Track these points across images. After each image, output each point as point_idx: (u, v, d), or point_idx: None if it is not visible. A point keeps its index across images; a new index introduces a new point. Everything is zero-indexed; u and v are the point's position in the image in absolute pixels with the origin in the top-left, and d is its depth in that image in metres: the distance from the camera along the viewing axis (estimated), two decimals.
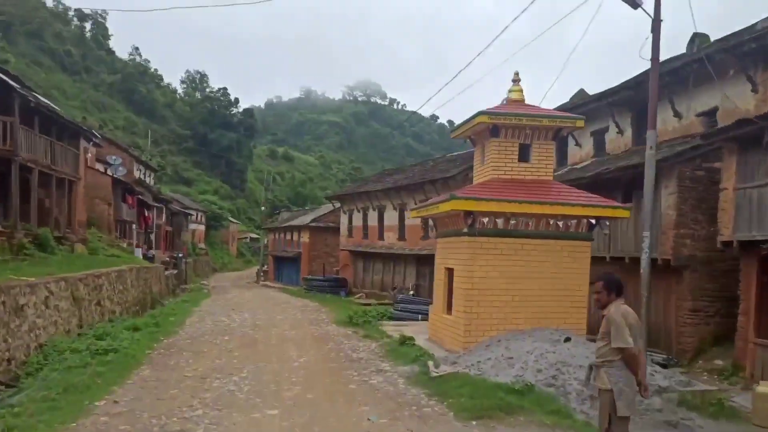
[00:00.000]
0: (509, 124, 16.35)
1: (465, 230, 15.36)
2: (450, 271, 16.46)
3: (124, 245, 36.95)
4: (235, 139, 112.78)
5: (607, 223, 16.59)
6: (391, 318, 22.92)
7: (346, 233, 40.94)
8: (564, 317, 15.41)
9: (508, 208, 15.19)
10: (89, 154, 43.07)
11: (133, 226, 42.75)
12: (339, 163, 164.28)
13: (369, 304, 31.47)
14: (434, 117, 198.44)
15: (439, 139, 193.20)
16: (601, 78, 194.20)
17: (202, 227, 75.54)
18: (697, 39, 20.99)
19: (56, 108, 29.57)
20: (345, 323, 22.10)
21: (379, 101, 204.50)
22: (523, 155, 16.76)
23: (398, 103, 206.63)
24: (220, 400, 10.82)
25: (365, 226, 38.41)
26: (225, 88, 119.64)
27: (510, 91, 17.66)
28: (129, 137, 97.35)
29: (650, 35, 15.40)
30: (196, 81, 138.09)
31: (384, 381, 12.37)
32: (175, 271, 44.45)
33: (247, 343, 17.68)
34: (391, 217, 35.45)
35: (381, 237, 36.38)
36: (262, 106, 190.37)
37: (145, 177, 53.37)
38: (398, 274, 34.60)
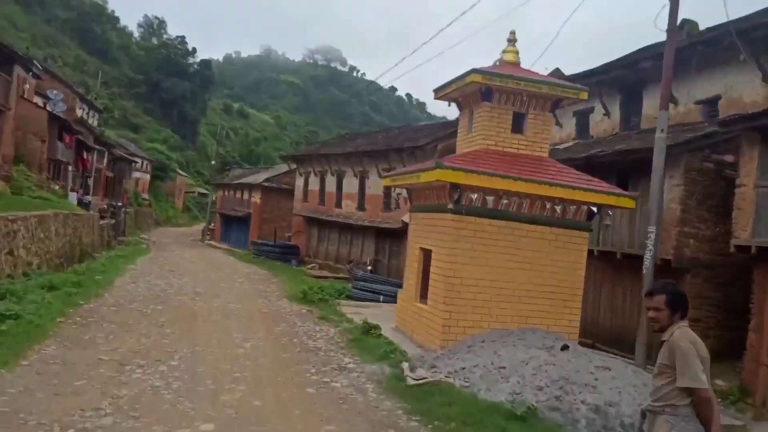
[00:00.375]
0: (504, 88, 13.83)
1: (450, 206, 12.86)
2: (426, 253, 14.00)
3: (56, 188, 33.24)
4: (190, 89, 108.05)
5: (610, 213, 14.41)
6: (349, 297, 20.41)
7: (300, 197, 38.02)
8: (555, 318, 13.17)
9: (502, 185, 12.74)
10: (27, 86, 38.86)
11: (69, 168, 38.89)
12: (295, 125, 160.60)
13: (323, 277, 28.93)
14: (393, 89, 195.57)
15: (397, 111, 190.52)
16: (574, 62, 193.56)
17: (147, 177, 71.16)
18: (686, 25, 18.87)
19: None
20: (298, 299, 19.45)
21: (339, 67, 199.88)
22: (517, 125, 14.32)
23: (358, 71, 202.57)
24: (138, 402, 8.14)
25: (322, 192, 35.61)
26: (183, 37, 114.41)
27: (504, 51, 15.11)
28: (78, 76, 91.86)
29: (667, 4, 13.33)
30: (153, 27, 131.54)
31: (349, 385, 9.84)
32: (113, 221, 40.87)
33: (184, 317, 14.93)
34: (350, 185, 32.78)
35: (339, 205, 33.70)
36: (221, 59, 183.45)
37: (88, 117, 49.15)
38: (355, 246, 32.05)
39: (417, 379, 9.94)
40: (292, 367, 10.80)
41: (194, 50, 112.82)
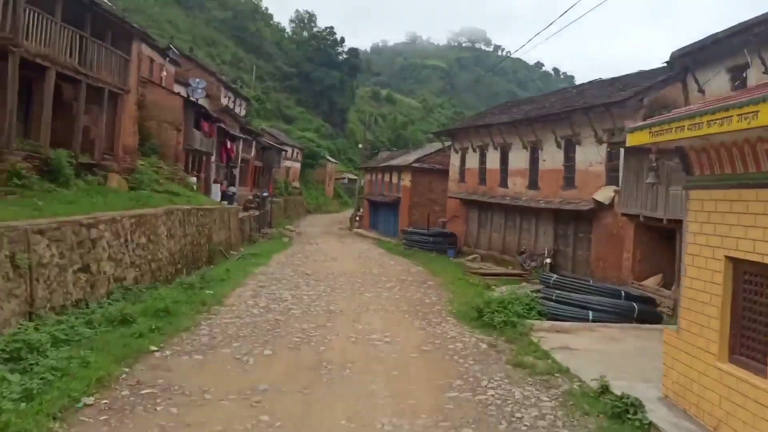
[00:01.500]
0: None
1: None
2: (741, 267, 6.91)
3: (192, 179, 29.21)
4: (339, 78, 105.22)
5: None
6: (540, 313, 13.58)
7: (456, 177, 31.46)
8: None
9: None
10: (164, 73, 35.56)
11: (211, 158, 35.12)
12: (441, 107, 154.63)
13: (492, 275, 22.21)
14: (539, 64, 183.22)
15: (543, 86, 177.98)
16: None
17: (298, 165, 67.92)
18: None
19: None
20: (471, 320, 12.91)
21: (484, 47, 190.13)
22: None
23: (503, 49, 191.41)
24: None
25: (482, 169, 28.81)
26: (331, 27, 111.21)
27: None
28: (235, 72, 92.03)
29: None
30: (304, 21, 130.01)
31: None
32: (257, 213, 36.79)
33: (299, 373, 8.90)
34: (518, 159, 25.69)
35: (504, 184, 26.77)
36: (368, 49, 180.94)
37: (234, 106, 45.72)
38: (527, 232, 24.98)
39: None
40: None
41: (342, 40, 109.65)
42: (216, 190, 36.13)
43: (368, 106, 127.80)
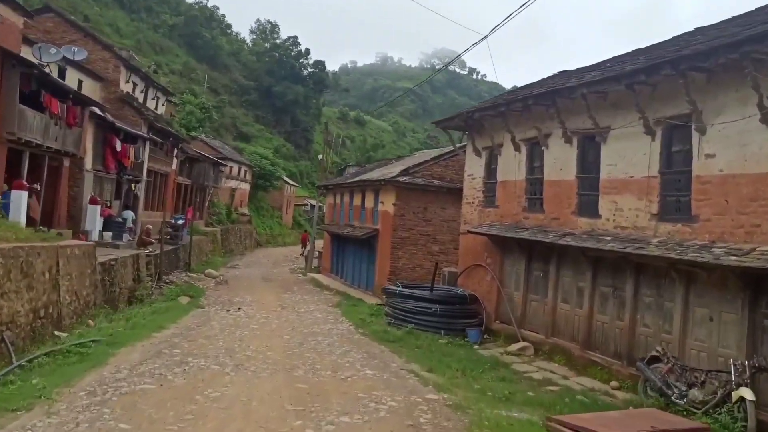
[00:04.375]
0: None
1: None
2: None
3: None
4: (303, 93, 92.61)
5: None
6: None
7: (477, 198, 18.08)
8: None
9: None
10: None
11: (85, 163, 21.41)
12: (413, 132, 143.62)
13: None
14: (514, 86, 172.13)
15: None
16: None
17: (246, 186, 53.95)
18: None
19: None
20: None
21: (458, 70, 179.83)
22: None
23: (478, 72, 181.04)
24: None
25: (535, 182, 15.53)
26: (295, 37, 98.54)
27: None
28: (185, 83, 78.87)
29: None
30: (266, 32, 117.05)
31: None
32: (155, 252, 22.92)
33: None
34: (630, 156, 12.44)
35: (589, 209, 13.46)
36: (337, 70, 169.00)
37: (145, 99, 31.94)
38: (657, 311, 11.57)
39: None
40: None
41: (308, 51, 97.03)
42: (94, 213, 22.60)
43: (335, 126, 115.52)
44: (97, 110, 23.25)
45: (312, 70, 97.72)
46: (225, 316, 16.65)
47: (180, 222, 27.76)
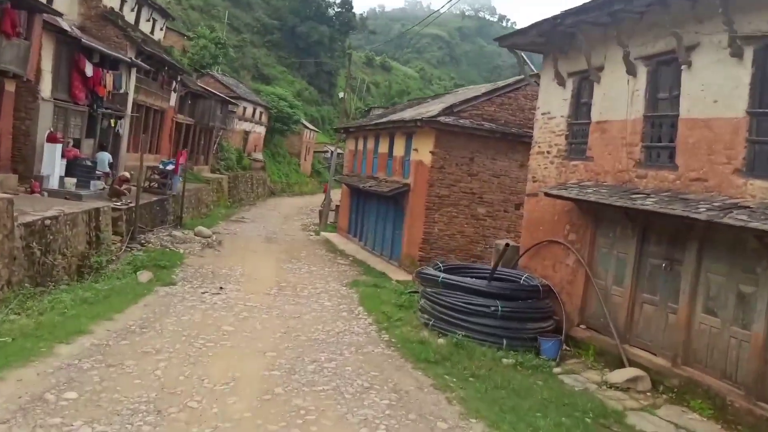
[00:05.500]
0: None
1: None
2: None
3: None
4: (328, 34, 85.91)
5: None
6: None
7: (558, 146, 12.35)
8: None
9: None
10: None
11: (40, 89, 16.08)
12: (439, 79, 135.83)
13: None
14: None
15: None
16: None
17: (262, 130, 48.31)
18: None
19: None
20: None
21: (488, 17, 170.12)
22: None
23: (508, 20, 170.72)
24: None
25: (656, 120, 9.93)
26: None
27: None
28: (205, 20, 72.66)
29: None
30: None
31: None
32: (129, 204, 17.74)
33: None
34: None
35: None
36: (365, 13, 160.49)
37: (137, 19, 26.28)
38: None
39: None
40: None
41: None
42: (53, 153, 17.55)
43: (360, 72, 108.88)
44: (59, 22, 17.77)
45: (339, 10, 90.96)
46: (193, 305, 11.42)
47: (169, 167, 22.46)
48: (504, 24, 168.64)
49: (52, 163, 17.75)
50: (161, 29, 29.35)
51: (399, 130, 19.78)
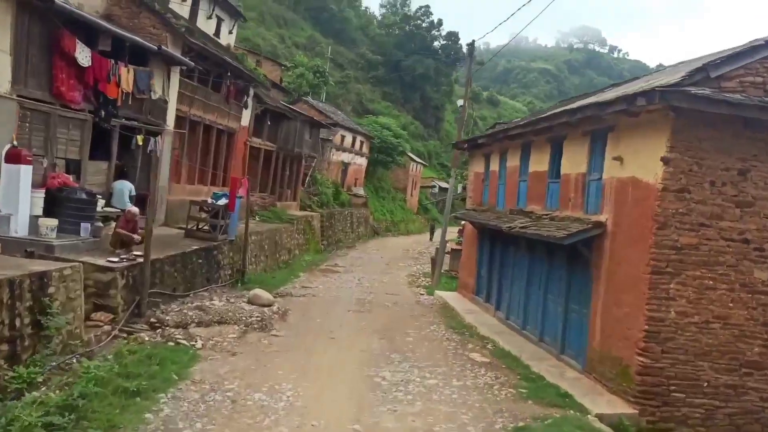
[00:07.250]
0: None
1: None
2: None
3: None
4: (434, 67, 79.03)
5: None
6: None
7: None
8: None
9: None
10: None
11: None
12: None
13: None
14: (661, 66, 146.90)
15: None
16: None
17: (363, 161, 40.81)
18: None
19: None
20: None
21: (597, 48, 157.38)
22: None
23: (619, 50, 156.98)
24: None
25: None
26: (427, 6, 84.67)
27: None
28: (309, 58, 68.42)
29: None
30: (396, 4, 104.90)
31: None
32: (136, 259, 10.15)
33: None
34: None
35: None
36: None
37: (198, 14, 19.43)
38: None
39: None
40: None
41: (440, 22, 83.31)
42: (15, 180, 10.07)
43: (468, 107, 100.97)
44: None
45: (444, 42, 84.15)
46: None
47: (221, 201, 14.89)
48: (615, 55, 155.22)
49: (15, 196, 10.52)
50: (230, 32, 22.41)
51: (576, 129, 10.85)
